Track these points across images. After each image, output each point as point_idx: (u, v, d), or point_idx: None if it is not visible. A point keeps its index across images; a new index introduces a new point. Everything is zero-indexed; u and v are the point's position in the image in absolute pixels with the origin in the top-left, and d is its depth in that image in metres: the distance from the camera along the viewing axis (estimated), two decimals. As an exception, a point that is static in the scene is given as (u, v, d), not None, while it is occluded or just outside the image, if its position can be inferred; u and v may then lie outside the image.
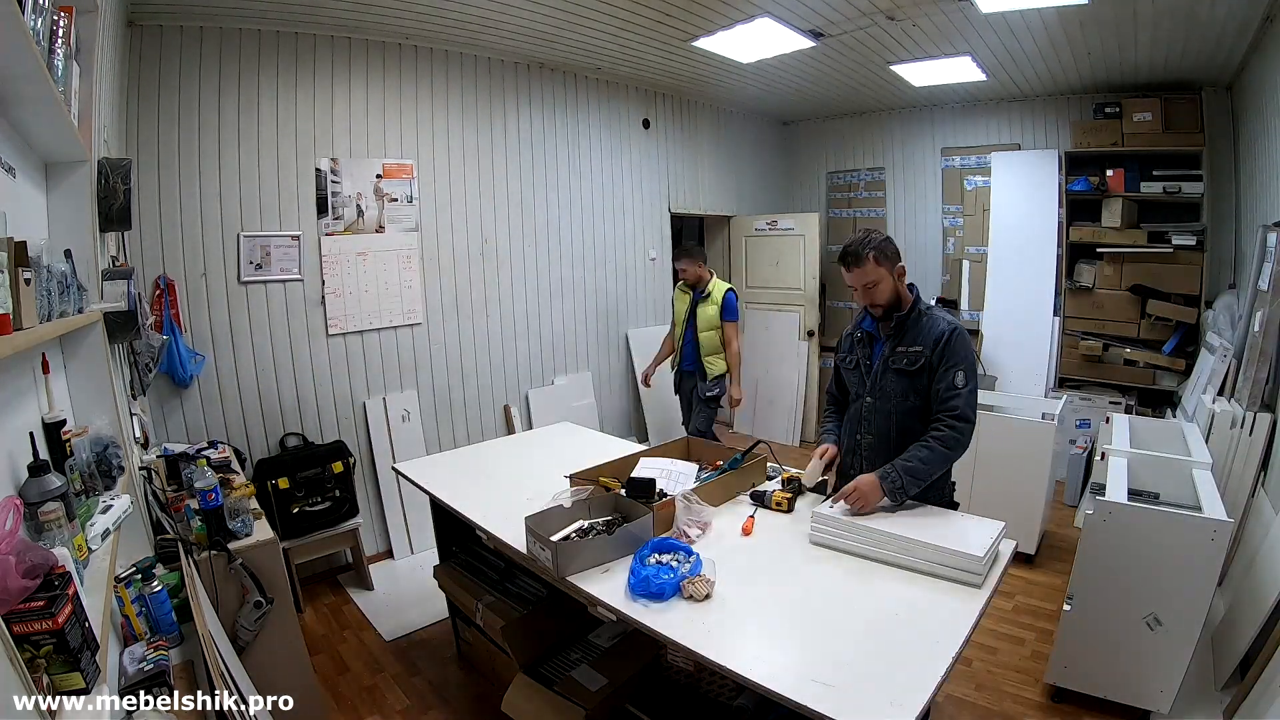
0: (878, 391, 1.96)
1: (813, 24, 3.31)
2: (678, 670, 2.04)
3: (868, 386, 1.98)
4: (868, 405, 1.98)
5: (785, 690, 1.20)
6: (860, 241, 1.88)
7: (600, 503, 1.94)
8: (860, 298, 1.94)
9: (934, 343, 1.86)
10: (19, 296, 0.99)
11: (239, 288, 3.06)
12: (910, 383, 1.90)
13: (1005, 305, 4.59)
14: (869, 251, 1.85)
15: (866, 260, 1.85)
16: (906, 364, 1.89)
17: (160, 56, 2.77)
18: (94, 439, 1.49)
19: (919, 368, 1.88)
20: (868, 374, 1.99)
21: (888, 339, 1.95)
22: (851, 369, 2.06)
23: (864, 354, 2.02)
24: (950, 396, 1.83)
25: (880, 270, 1.86)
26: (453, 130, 3.71)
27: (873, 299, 1.91)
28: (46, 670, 0.90)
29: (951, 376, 1.83)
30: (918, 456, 1.81)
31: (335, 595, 3.24)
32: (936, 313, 1.93)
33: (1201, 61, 3.61)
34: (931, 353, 1.86)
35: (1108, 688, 2.20)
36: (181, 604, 1.62)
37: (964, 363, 1.85)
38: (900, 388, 1.91)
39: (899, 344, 1.92)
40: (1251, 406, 2.62)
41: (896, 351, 1.91)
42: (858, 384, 2.04)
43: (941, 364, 1.85)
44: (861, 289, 1.90)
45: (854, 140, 5.56)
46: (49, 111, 1.27)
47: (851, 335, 2.09)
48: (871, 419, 1.97)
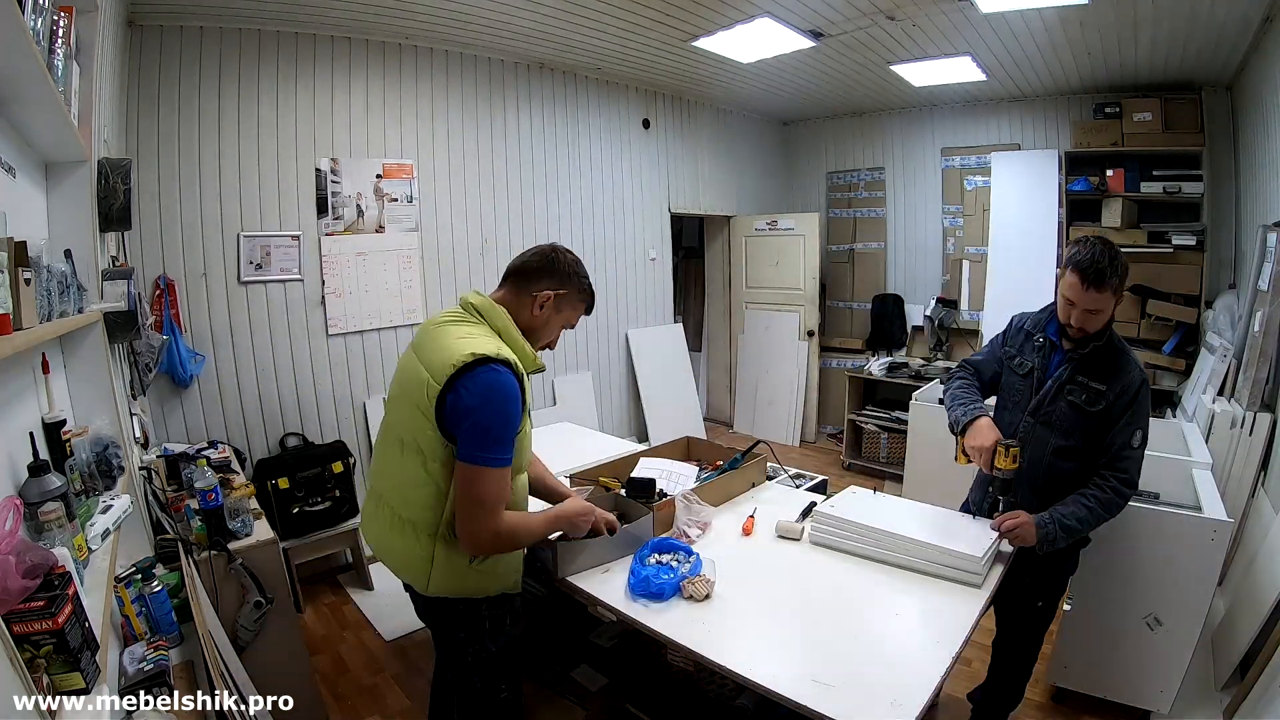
0: (1042, 415, 1.76)
1: (813, 24, 3.31)
2: (678, 670, 2.04)
3: (1032, 405, 1.77)
4: (1026, 425, 1.78)
5: (785, 690, 1.20)
6: (1108, 262, 1.58)
7: (600, 503, 1.94)
8: (1072, 316, 1.66)
9: (1121, 390, 1.65)
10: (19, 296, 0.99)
11: (239, 288, 3.06)
12: (1079, 420, 1.70)
13: (1005, 305, 4.58)
14: (1115, 281, 1.58)
15: (1108, 287, 1.58)
16: (1085, 400, 1.68)
17: (160, 56, 2.77)
18: (94, 439, 1.49)
19: (1097, 409, 1.67)
20: (1036, 389, 1.78)
21: (1070, 360, 1.73)
22: (1022, 374, 1.83)
23: (1039, 363, 1.79)
24: (1123, 457, 1.66)
25: (1112, 301, 1.62)
26: (453, 130, 3.71)
27: (1086, 325, 1.65)
28: (46, 670, 0.90)
29: (1130, 435, 1.65)
30: (1077, 516, 1.65)
31: (335, 595, 3.24)
32: (1130, 352, 1.71)
33: (1201, 61, 3.61)
34: (1115, 400, 1.66)
35: (1108, 688, 2.20)
36: (181, 604, 1.62)
37: (1145, 423, 1.67)
38: (1068, 422, 1.72)
39: (1081, 372, 1.70)
40: (1251, 406, 2.62)
41: (1077, 380, 1.70)
42: (1020, 394, 1.82)
43: (1124, 417, 1.65)
44: (1080, 311, 1.63)
45: (854, 140, 5.56)
46: (49, 111, 1.27)
47: (1030, 335, 1.83)
48: (1027, 442, 1.75)
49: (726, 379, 5.92)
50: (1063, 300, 1.69)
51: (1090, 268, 1.59)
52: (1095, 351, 1.70)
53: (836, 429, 5.36)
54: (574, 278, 1.58)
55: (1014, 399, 1.86)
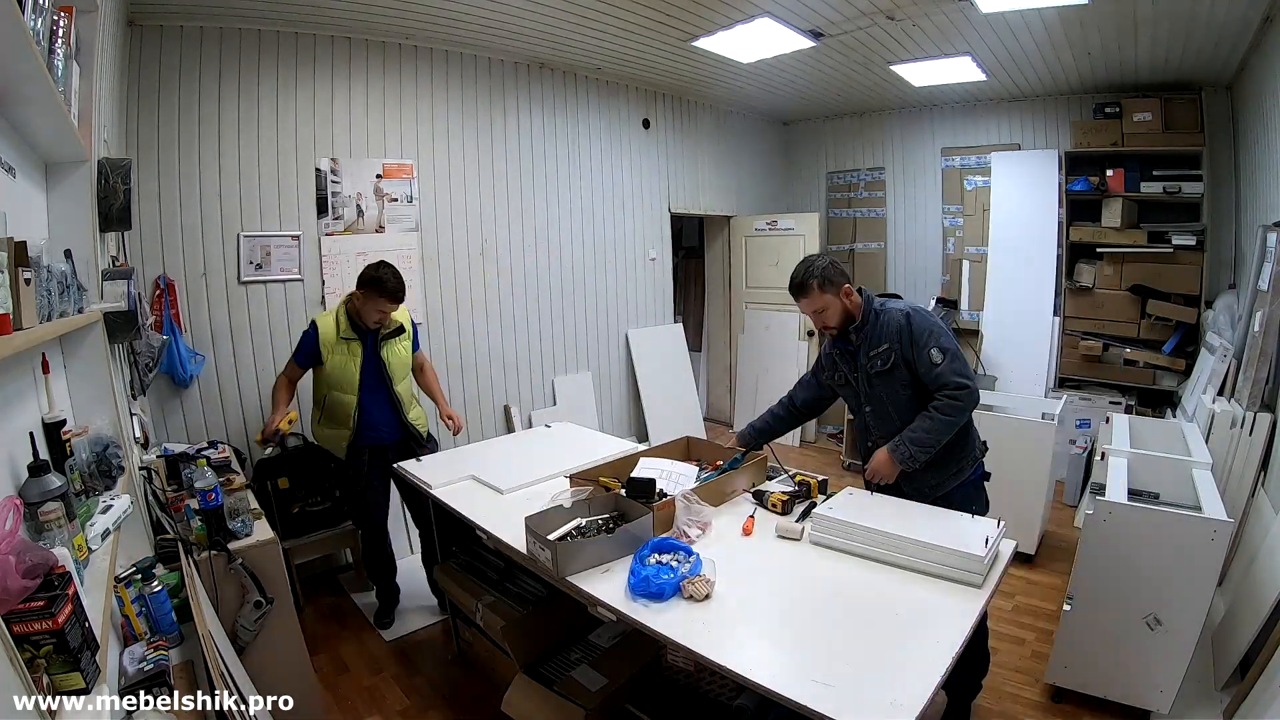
0: (871, 399, 2.05)
1: (813, 24, 3.31)
2: (678, 670, 2.04)
3: (861, 398, 2.08)
4: (868, 414, 2.08)
5: (785, 690, 1.20)
6: (804, 272, 1.96)
7: (600, 503, 1.94)
8: (814, 322, 2.05)
9: (896, 335, 1.94)
10: (19, 296, 0.99)
11: (239, 288, 3.06)
12: (891, 377, 1.98)
13: (1005, 305, 4.59)
14: (813, 280, 1.94)
15: (811, 289, 1.94)
16: (880, 364, 1.98)
17: (160, 56, 2.77)
18: (94, 439, 1.49)
19: (893, 363, 1.96)
20: (857, 387, 2.08)
21: (859, 349, 2.03)
22: (843, 385, 2.15)
23: (847, 369, 2.10)
24: (935, 374, 1.91)
25: (826, 297, 1.95)
26: (453, 130, 3.71)
27: (824, 323, 2.01)
28: (46, 670, 0.90)
29: (927, 355, 1.91)
30: (921, 427, 1.91)
31: (335, 595, 3.24)
32: (891, 305, 2.01)
33: (1201, 61, 3.61)
34: (899, 345, 1.94)
35: (1108, 688, 2.20)
36: (181, 604, 1.62)
37: (932, 339, 1.92)
38: (885, 387, 2.00)
39: (869, 349, 2.01)
40: (1251, 406, 2.62)
41: (870, 356, 2.00)
42: (852, 398, 2.14)
43: (913, 350, 1.92)
44: (813, 315, 2.01)
45: (854, 140, 5.56)
46: (49, 111, 1.27)
47: (830, 354, 2.17)
48: (876, 425, 2.07)
49: (726, 379, 5.92)
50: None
51: (790, 286, 1.99)
52: (859, 330, 2.00)
53: (836, 429, 5.36)
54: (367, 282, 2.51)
55: (851, 405, 2.17)
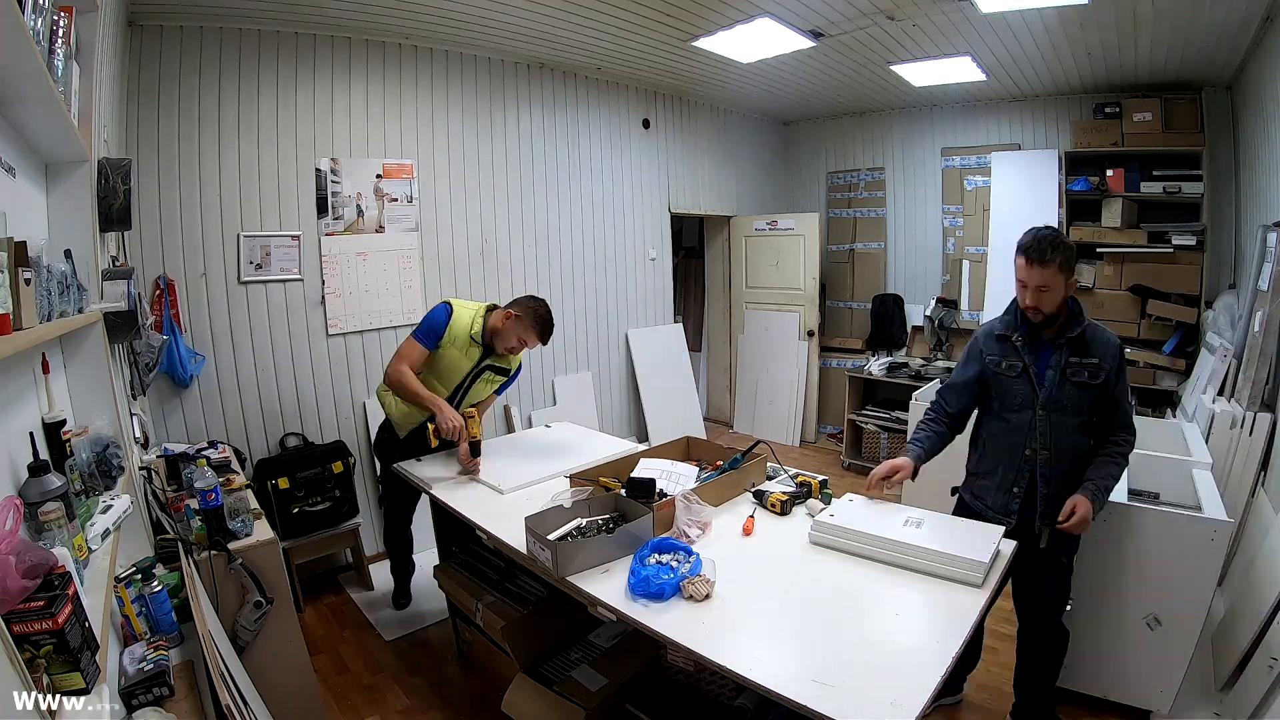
0: (1052, 405, 1.85)
1: (813, 24, 3.31)
2: (678, 670, 2.04)
3: (1042, 399, 1.86)
4: (1039, 419, 1.87)
5: (785, 690, 1.20)
6: (1050, 241, 1.74)
7: (600, 503, 1.94)
8: (1026, 297, 1.81)
9: (1113, 356, 1.81)
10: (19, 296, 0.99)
11: (239, 288, 3.06)
12: (1088, 395, 1.83)
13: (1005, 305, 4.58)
14: (1058, 256, 1.73)
15: (1052, 263, 1.73)
16: (1088, 376, 1.81)
17: (160, 56, 2.77)
18: (94, 439, 1.49)
19: (1100, 381, 1.81)
20: (1039, 384, 1.86)
21: (1059, 348, 1.84)
22: (1015, 376, 1.90)
23: (1030, 361, 1.88)
24: (1124, 412, 1.86)
25: (1060, 278, 1.76)
26: (453, 130, 3.71)
27: (1038, 303, 1.79)
28: (46, 670, 0.90)
29: (1126, 390, 1.86)
30: (1111, 474, 1.83)
31: (335, 595, 3.24)
32: (1098, 324, 1.87)
33: (1201, 61, 3.61)
34: (1110, 366, 1.81)
35: (1108, 688, 2.21)
36: (181, 604, 1.62)
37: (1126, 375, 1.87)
38: (1079, 401, 1.84)
39: (1073, 354, 1.83)
40: (1251, 406, 2.62)
41: (1072, 362, 1.83)
42: (1022, 395, 1.89)
43: (1118, 379, 1.83)
44: (1033, 290, 1.78)
45: (854, 140, 5.56)
46: (49, 111, 1.27)
47: (1002, 338, 1.94)
48: (1046, 433, 1.86)
49: (726, 379, 5.92)
50: (1018, 286, 1.85)
51: (1033, 247, 1.77)
52: (1068, 329, 1.84)
53: (836, 429, 5.36)
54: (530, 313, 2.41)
55: (1015, 401, 1.91)
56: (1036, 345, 1.89)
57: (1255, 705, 1.90)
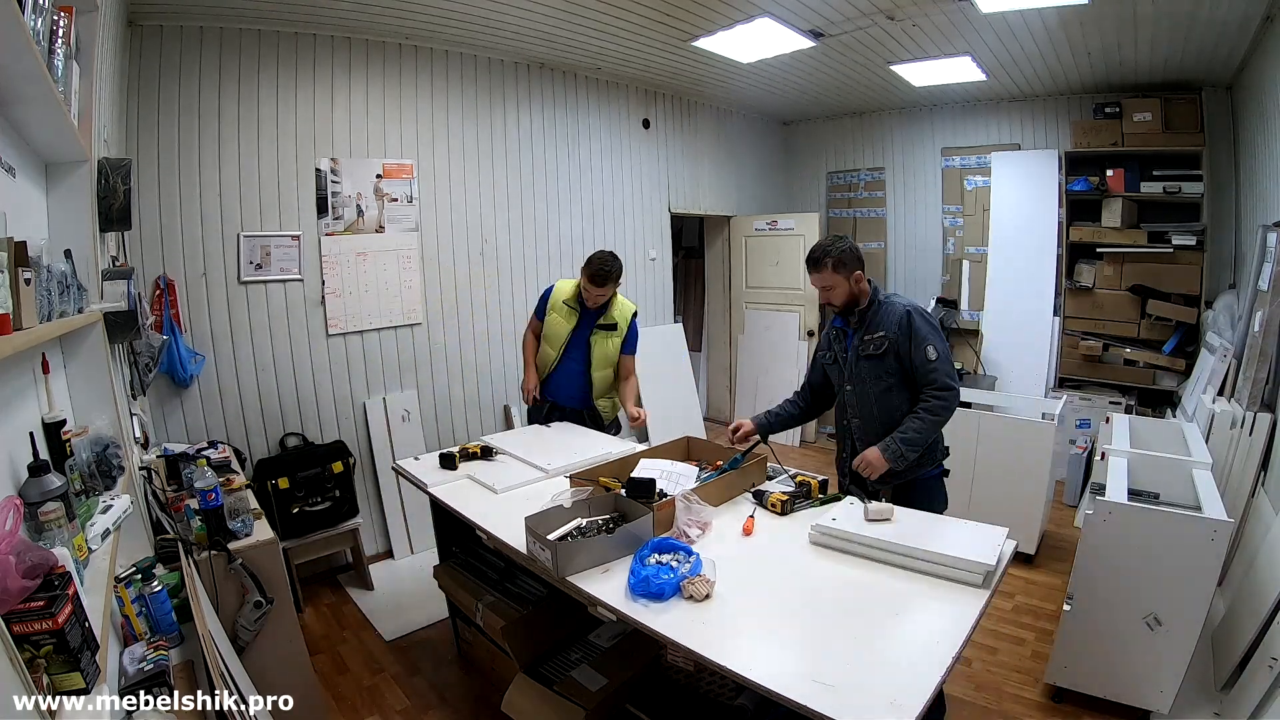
0: (854, 379, 2.17)
1: (813, 24, 3.31)
2: (678, 670, 2.04)
3: (846, 376, 2.20)
4: (848, 393, 2.20)
5: (785, 690, 1.20)
6: (823, 248, 2.10)
7: (600, 503, 1.94)
8: (819, 296, 2.19)
9: (895, 326, 2.05)
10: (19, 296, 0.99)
11: (239, 288, 3.06)
12: (879, 364, 2.09)
13: (1005, 305, 4.59)
14: (829, 259, 2.07)
15: (825, 266, 2.08)
16: (873, 349, 2.09)
17: (160, 56, 2.77)
18: (94, 439, 1.49)
19: (884, 350, 2.07)
20: (844, 365, 2.20)
21: (855, 331, 2.16)
22: (831, 364, 2.28)
23: (840, 348, 2.23)
24: (927, 370, 2.02)
25: (836, 277, 2.08)
26: (453, 130, 3.71)
27: (828, 299, 2.16)
28: (46, 670, 0.90)
29: (923, 352, 2.02)
30: (911, 427, 2.01)
31: (335, 595, 3.24)
32: (895, 300, 2.12)
33: (1201, 61, 3.61)
34: (895, 335, 2.05)
35: (1108, 688, 2.20)
36: (181, 604, 1.62)
37: (930, 337, 2.03)
38: (872, 371, 2.11)
39: (864, 333, 2.12)
40: (1251, 406, 2.62)
41: (864, 340, 2.12)
42: (836, 375, 2.25)
43: (910, 343, 2.03)
44: (820, 290, 2.15)
45: (854, 140, 5.56)
46: (49, 111, 1.27)
47: (828, 334, 2.31)
48: (854, 404, 2.19)
49: (726, 379, 5.91)
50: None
51: (809, 257, 2.13)
52: (864, 314, 2.12)
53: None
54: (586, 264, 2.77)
55: (837, 381, 2.28)
56: (845, 334, 2.20)
57: (1255, 705, 1.90)
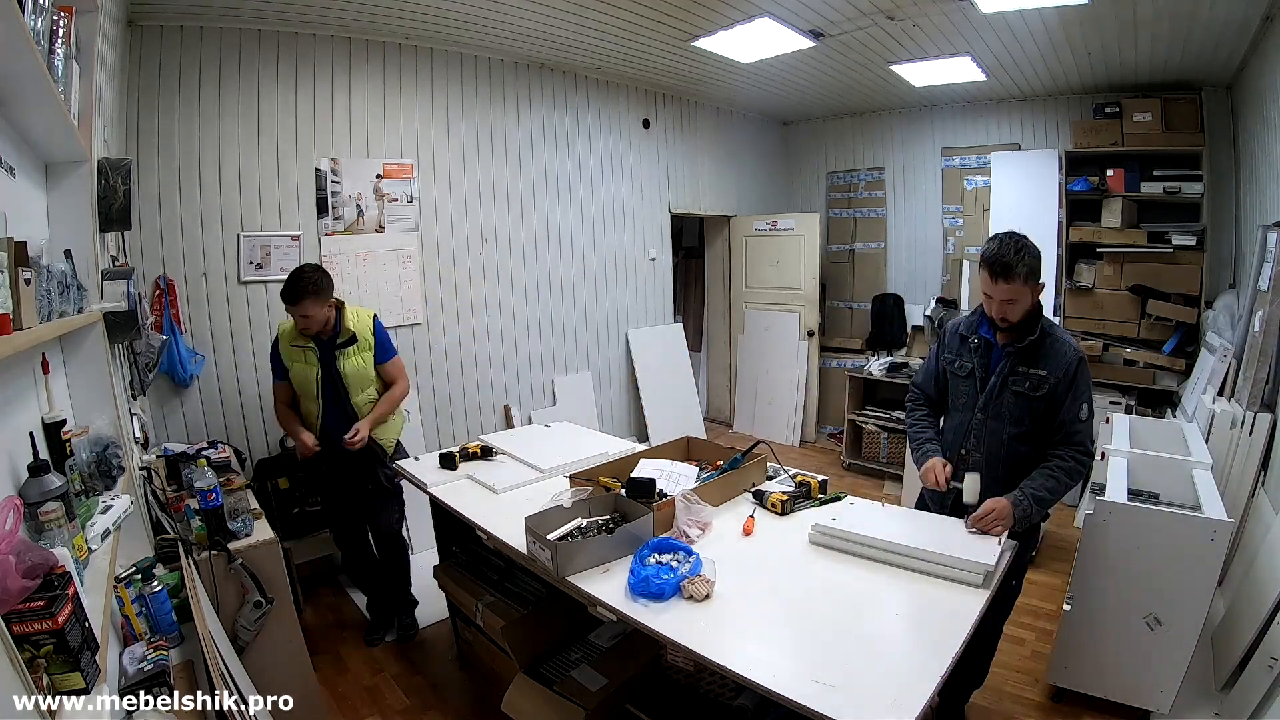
0: (992, 409, 1.85)
1: (813, 24, 3.31)
2: (678, 670, 2.04)
3: (980, 402, 1.87)
4: (977, 422, 1.88)
5: (785, 690, 1.20)
6: (1014, 252, 1.70)
7: (600, 503, 1.94)
8: (993, 309, 1.79)
9: (1062, 372, 1.76)
10: (19, 296, 0.99)
11: (239, 288, 3.06)
12: (1028, 406, 1.80)
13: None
14: (1022, 269, 1.70)
15: (1017, 277, 1.70)
16: (1029, 388, 1.79)
17: (160, 56, 2.77)
18: (94, 439, 1.49)
19: (1042, 394, 1.78)
20: (982, 388, 1.87)
21: (1008, 355, 1.83)
22: (964, 376, 1.93)
23: (979, 363, 1.89)
24: (1075, 430, 1.78)
25: (1025, 290, 1.73)
26: (453, 130, 3.71)
27: (1005, 314, 1.77)
28: (46, 670, 0.90)
29: (1078, 409, 1.77)
30: (1046, 487, 1.75)
31: (335, 595, 3.24)
32: (1061, 334, 1.83)
33: (1201, 61, 3.61)
34: (1058, 381, 1.77)
35: (1108, 688, 2.20)
36: (181, 604, 1.62)
37: (1088, 394, 1.79)
38: (1017, 411, 1.82)
39: (1021, 363, 1.81)
40: (1251, 406, 2.62)
41: (1018, 371, 1.81)
42: (967, 394, 1.92)
43: (1069, 394, 1.77)
44: (998, 302, 1.76)
45: (854, 140, 5.56)
46: (49, 111, 1.27)
47: (965, 338, 1.94)
48: (981, 436, 1.87)
49: (726, 379, 5.92)
50: (983, 296, 1.82)
51: (996, 261, 1.72)
52: (1030, 343, 1.81)
53: (836, 429, 5.36)
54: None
55: (960, 400, 1.95)
56: (990, 348, 1.88)
57: (1255, 705, 1.90)
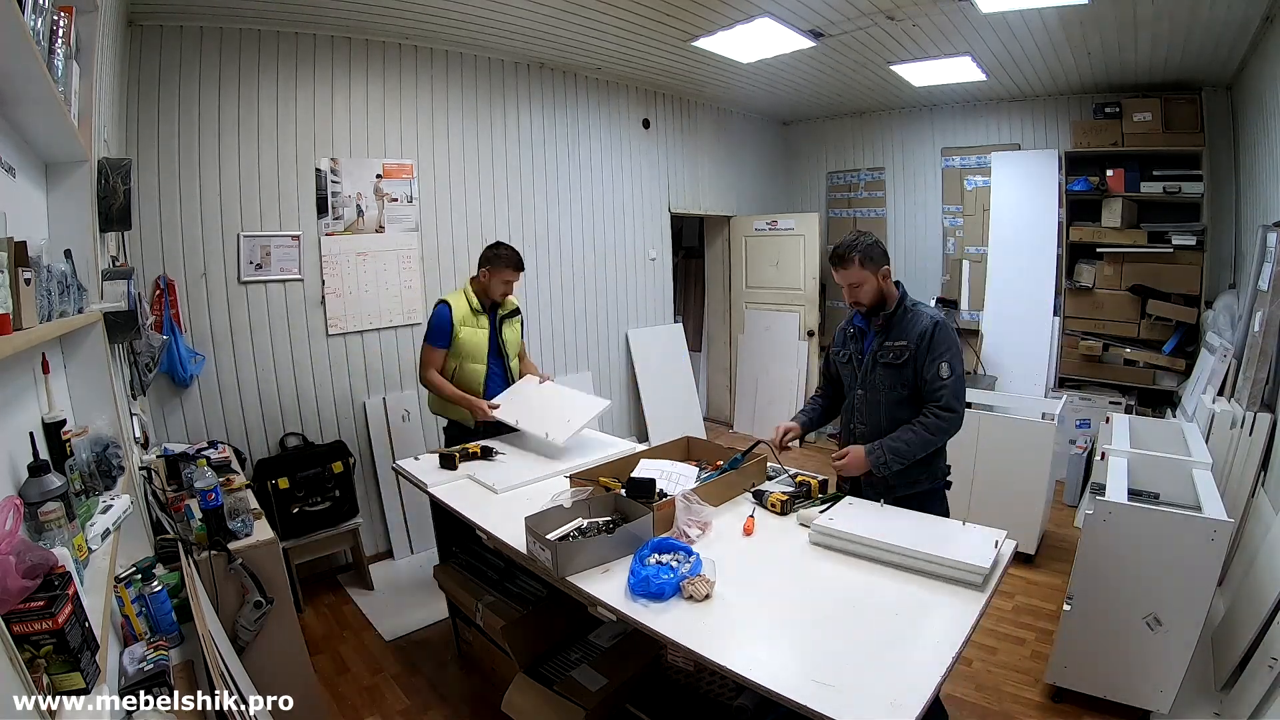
0: (868, 384, 2.07)
1: (813, 24, 3.31)
2: (678, 670, 2.04)
3: (859, 380, 2.10)
4: (859, 397, 2.10)
5: (785, 690, 1.20)
6: (849, 244, 1.99)
7: (600, 503, 1.94)
8: (845, 295, 2.07)
9: (918, 337, 1.96)
10: (19, 296, 0.99)
11: (239, 288, 3.06)
12: (897, 374, 2.00)
13: (1005, 305, 4.59)
14: (855, 254, 1.97)
15: (852, 262, 1.98)
16: (893, 358, 2.00)
17: (160, 56, 2.77)
18: (94, 439, 1.48)
19: (904, 361, 1.98)
20: (859, 367, 2.10)
21: (876, 334, 2.05)
22: (845, 363, 2.18)
23: (855, 349, 2.13)
24: (937, 387, 1.94)
25: (864, 273, 1.98)
26: (453, 130, 3.71)
27: (856, 298, 2.03)
28: (46, 670, 0.90)
29: (936, 368, 1.94)
30: (903, 439, 1.95)
31: (335, 595, 3.24)
32: (922, 308, 2.03)
33: (1201, 61, 3.61)
34: (916, 346, 1.96)
35: (1108, 688, 2.20)
36: (181, 604, 1.61)
37: (948, 354, 1.95)
38: (888, 380, 2.02)
39: (886, 339, 2.02)
40: (1251, 406, 2.62)
41: (884, 346, 2.02)
42: (849, 377, 2.16)
43: (927, 356, 1.95)
44: (847, 288, 2.04)
45: (854, 140, 5.56)
46: (49, 111, 1.27)
47: (845, 330, 2.20)
48: (864, 410, 2.10)
49: (726, 379, 5.92)
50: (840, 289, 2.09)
51: (834, 253, 2.02)
52: (889, 318, 2.02)
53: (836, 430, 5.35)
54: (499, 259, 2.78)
55: (847, 383, 2.19)
56: (864, 335, 2.11)
57: (1255, 705, 1.90)
